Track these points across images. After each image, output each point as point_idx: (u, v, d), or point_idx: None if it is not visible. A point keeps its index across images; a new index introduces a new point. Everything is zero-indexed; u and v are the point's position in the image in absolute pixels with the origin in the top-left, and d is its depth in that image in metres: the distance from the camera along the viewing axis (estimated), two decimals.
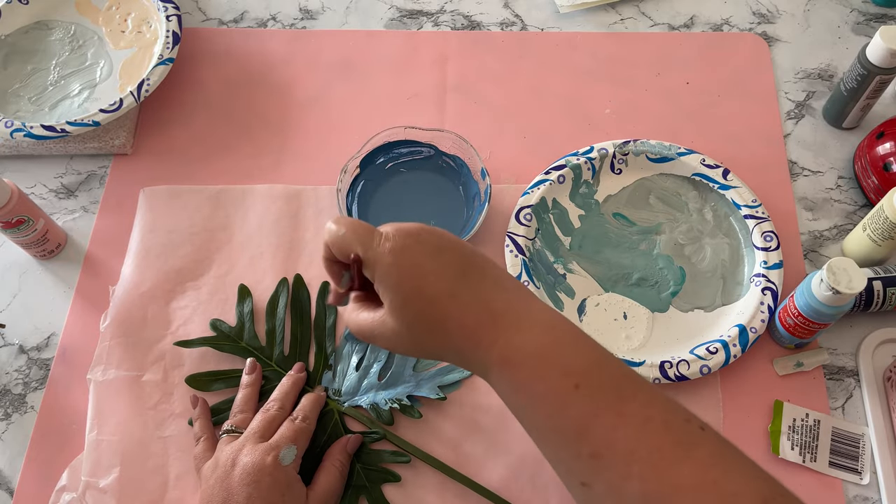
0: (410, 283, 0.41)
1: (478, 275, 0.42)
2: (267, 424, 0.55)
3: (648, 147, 0.70)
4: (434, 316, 0.41)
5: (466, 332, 0.40)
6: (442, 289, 0.41)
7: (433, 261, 0.41)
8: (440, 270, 0.41)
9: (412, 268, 0.41)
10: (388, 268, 0.41)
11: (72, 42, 0.79)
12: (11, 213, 0.62)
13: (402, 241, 0.42)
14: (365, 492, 0.57)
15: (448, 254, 0.42)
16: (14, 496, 0.58)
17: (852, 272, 0.55)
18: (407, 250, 0.41)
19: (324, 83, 0.78)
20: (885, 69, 0.66)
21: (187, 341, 0.62)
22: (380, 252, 0.41)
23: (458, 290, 0.41)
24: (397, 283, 0.41)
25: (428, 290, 0.41)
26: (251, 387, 0.60)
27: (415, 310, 0.41)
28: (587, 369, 0.38)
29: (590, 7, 0.83)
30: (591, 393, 0.37)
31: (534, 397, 0.38)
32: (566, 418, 0.37)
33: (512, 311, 0.41)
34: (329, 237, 0.44)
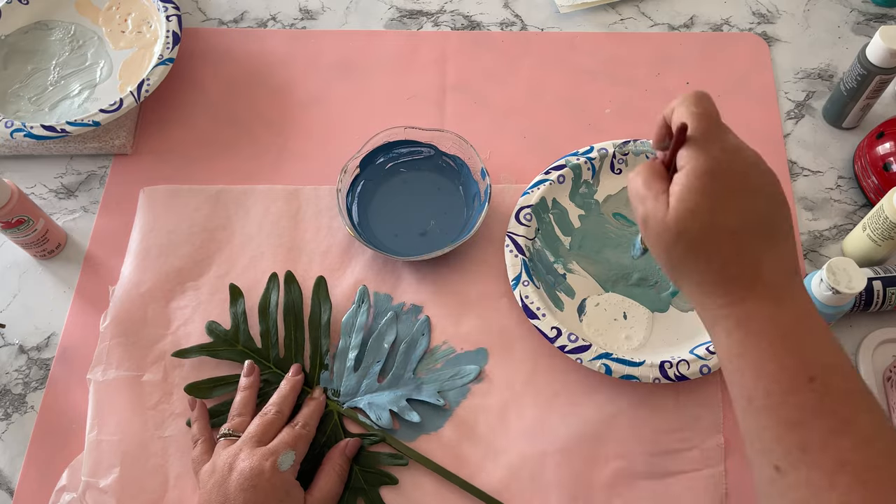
0: (710, 199, 0.38)
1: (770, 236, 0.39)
2: (265, 429, 0.55)
3: (648, 147, 0.70)
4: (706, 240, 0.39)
5: (723, 272, 0.39)
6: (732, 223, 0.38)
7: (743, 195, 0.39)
8: (743, 207, 0.39)
9: (721, 186, 0.39)
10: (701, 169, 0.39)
11: (72, 42, 0.79)
12: (11, 213, 0.62)
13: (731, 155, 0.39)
14: (363, 494, 0.57)
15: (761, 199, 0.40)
16: (14, 496, 0.58)
17: (852, 272, 0.55)
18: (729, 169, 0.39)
19: (324, 83, 0.78)
20: (885, 69, 0.66)
21: (184, 351, 0.62)
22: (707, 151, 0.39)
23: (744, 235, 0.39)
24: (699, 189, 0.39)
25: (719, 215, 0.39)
26: (249, 389, 0.59)
27: (694, 223, 0.39)
28: (830, 370, 0.36)
29: (590, 7, 0.83)
30: (824, 390, 0.36)
31: (760, 370, 0.37)
32: (787, 404, 0.36)
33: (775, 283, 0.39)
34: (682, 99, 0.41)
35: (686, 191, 0.39)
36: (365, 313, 0.64)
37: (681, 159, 0.40)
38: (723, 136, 0.40)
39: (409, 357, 0.62)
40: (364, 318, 0.63)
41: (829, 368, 0.37)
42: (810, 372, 0.36)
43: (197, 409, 0.59)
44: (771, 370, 0.37)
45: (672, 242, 0.40)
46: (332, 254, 0.68)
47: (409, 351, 0.62)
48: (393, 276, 0.66)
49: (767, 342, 0.38)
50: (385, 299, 0.65)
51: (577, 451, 0.58)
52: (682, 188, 0.39)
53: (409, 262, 0.67)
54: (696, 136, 0.40)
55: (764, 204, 0.40)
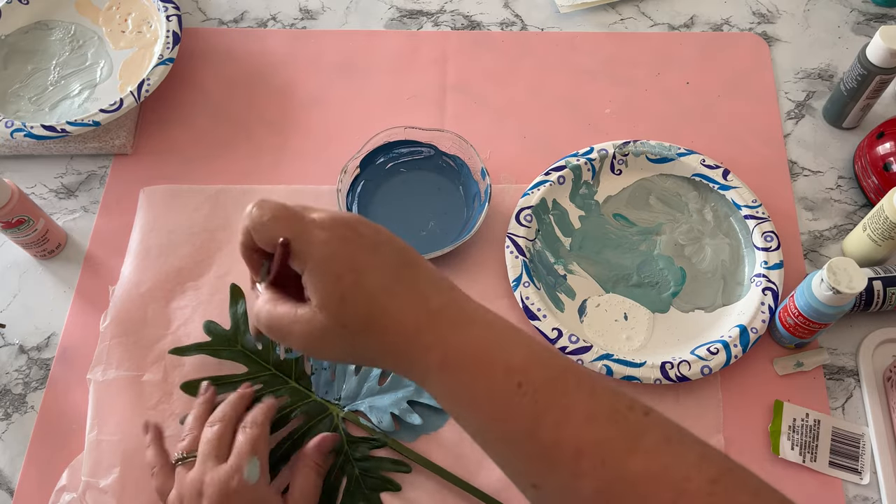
0: (350, 278, 0.37)
1: (414, 272, 0.39)
2: (217, 442, 0.51)
3: (648, 147, 0.70)
4: (373, 313, 0.38)
5: (405, 331, 0.38)
6: (382, 284, 0.38)
7: (372, 255, 0.38)
8: (379, 265, 0.38)
9: (351, 261, 0.38)
10: (324, 260, 0.38)
11: (72, 42, 0.79)
12: (11, 213, 0.62)
13: (339, 232, 0.38)
14: (363, 498, 0.57)
15: (386, 248, 0.39)
16: (14, 496, 0.58)
17: (852, 272, 0.55)
18: (345, 242, 0.38)
19: (324, 83, 0.78)
20: (885, 69, 0.66)
21: (182, 348, 0.62)
22: (314, 242, 0.38)
23: (397, 286, 0.38)
24: (336, 277, 0.37)
25: (368, 286, 0.38)
26: (203, 405, 0.56)
27: (354, 306, 0.38)
28: (527, 365, 0.36)
29: (590, 7, 0.83)
30: (534, 391, 0.36)
31: (476, 400, 0.37)
32: (510, 420, 0.36)
33: (449, 309, 0.38)
34: (250, 222, 0.40)
35: (324, 286, 0.38)
36: None
37: (294, 263, 0.39)
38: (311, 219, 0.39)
39: None
40: None
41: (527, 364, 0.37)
42: (516, 378, 0.36)
43: (150, 433, 0.56)
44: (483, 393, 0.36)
45: (343, 336, 0.38)
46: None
47: None
48: None
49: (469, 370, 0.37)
50: None
51: None
52: (318, 285, 0.38)
53: None
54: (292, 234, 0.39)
55: (389, 249, 0.39)
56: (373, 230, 0.40)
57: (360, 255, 0.38)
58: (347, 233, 0.39)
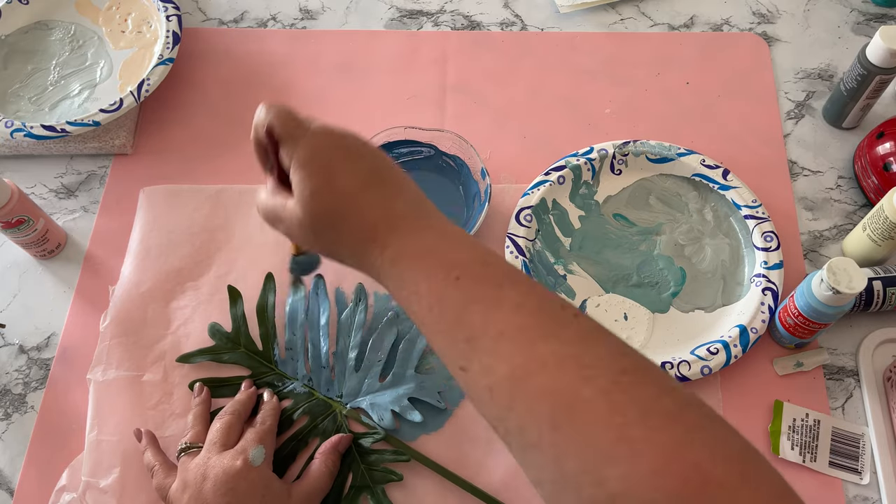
0: (322, 176, 0.42)
1: (389, 183, 0.43)
2: (225, 432, 0.54)
3: (648, 147, 0.70)
4: (338, 209, 0.42)
5: (365, 228, 0.41)
6: (351, 185, 0.42)
7: (349, 161, 0.42)
8: (354, 170, 0.42)
9: (328, 161, 0.42)
10: (304, 158, 0.42)
11: (72, 42, 0.79)
12: (11, 213, 0.62)
13: (323, 138, 0.43)
14: (368, 492, 0.57)
15: (366, 159, 0.43)
16: (14, 496, 0.58)
17: (852, 272, 0.55)
18: (326, 146, 0.42)
19: (324, 83, 0.78)
20: (885, 69, 0.66)
21: (187, 355, 0.62)
22: (300, 142, 0.42)
23: (366, 191, 0.42)
24: (309, 174, 0.42)
25: (337, 184, 0.42)
26: (201, 405, 0.59)
27: (321, 201, 0.42)
28: (470, 263, 0.39)
29: (590, 7, 0.83)
30: (471, 283, 0.38)
31: (419, 291, 0.39)
32: (444, 306, 0.38)
33: (411, 216, 0.42)
34: (256, 119, 0.45)
35: (300, 180, 0.42)
36: (363, 312, 0.64)
37: (284, 159, 0.43)
38: (307, 124, 0.43)
39: (410, 355, 0.62)
40: (362, 317, 0.63)
41: (469, 262, 0.39)
42: (456, 272, 0.38)
43: (144, 438, 0.57)
44: (425, 287, 0.39)
45: (313, 228, 0.43)
46: None
47: (409, 349, 0.62)
48: None
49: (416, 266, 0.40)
50: (385, 299, 0.65)
51: None
52: (297, 180, 0.42)
53: None
54: (283, 132, 0.43)
55: (370, 160, 0.43)
56: (359, 144, 0.44)
57: (337, 159, 0.42)
58: (331, 140, 0.43)
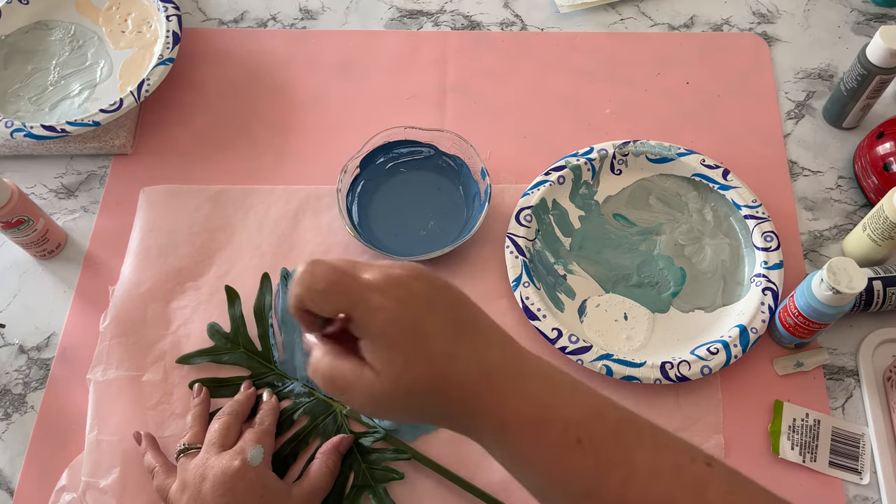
0: (411, 346, 0.36)
1: (471, 328, 0.38)
2: (223, 432, 0.54)
3: (648, 147, 0.70)
4: (434, 379, 0.37)
5: (465, 394, 0.37)
6: (443, 349, 0.37)
7: (431, 316, 0.37)
8: (440, 328, 0.37)
9: (410, 327, 0.36)
10: (384, 326, 0.36)
11: (72, 42, 0.79)
12: (11, 213, 0.62)
13: (395, 294, 0.37)
14: (370, 491, 0.57)
15: (442, 306, 0.38)
16: (14, 496, 0.58)
17: (852, 272, 0.55)
18: (402, 304, 0.37)
19: (324, 83, 0.78)
20: (885, 69, 0.66)
21: (186, 356, 0.62)
22: (372, 308, 0.36)
23: (457, 349, 0.37)
24: (395, 345, 0.36)
25: (430, 352, 0.37)
26: (201, 405, 0.59)
27: (416, 372, 0.37)
28: (587, 420, 0.36)
29: (590, 7, 0.83)
30: (595, 447, 0.35)
31: (536, 460, 0.37)
32: (572, 480, 0.36)
33: (505, 367, 0.38)
34: (303, 290, 0.37)
35: (385, 351, 0.36)
36: None
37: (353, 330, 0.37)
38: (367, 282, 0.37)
39: None
40: None
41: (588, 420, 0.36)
42: (575, 434, 0.36)
43: (144, 441, 0.57)
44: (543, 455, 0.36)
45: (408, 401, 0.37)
46: (332, 254, 0.67)
47: None
48: None
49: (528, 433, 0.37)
50: None
51: None
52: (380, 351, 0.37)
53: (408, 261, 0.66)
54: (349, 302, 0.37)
55: (445, 307, 0.38)
56: (426, 284, 0.38)
57: (419, 316, 0.37)
58: (402, 293, 0.37)
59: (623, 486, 0.35)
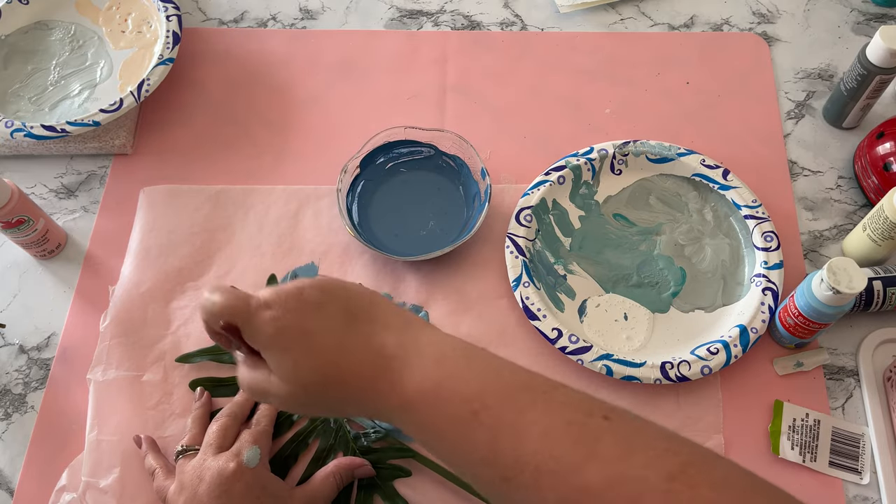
0: (297, 344, 0.39)
1: (364, 318, 0.41)
2: (221, 434, 0.54)
3: (648, 147, 0.70)
4: (328, 373, 0.40)
5: (364, 382, 0.39)
6: (331, 344, 0.40)
7: (317, 317, 0.40)
8: (326, 325, 0.40)
9: (297, 331, 0.40)
10: (272, 336, 0.40)
11: (72, 42, 0.79)
12: (11, 213, 0.62)
13: (283, 304, 0.40)
14: (378, 490, 0.57)
15: (331, 305, 0.41)
16: (14, 496, 0.58)
17: (852, 272, 0.55)
18: (290, 312, 0.40)
19: (324, 83, 0.78)
20: (885, 69, 0.66)
21: (187, 355, 0.62)
22: (260, 321, 0.40)
23: (348, 341, 0.40)
24: (284, 349, 0.40)
25: (317, 349, 0.40)
26: (202, 408, 0.59)
27: (307, 371, 0.40)
28: (482, 391, 0.37)
29: (590, 7, 0.83)
30: (490, 415, 0.37)
31: (438, 433, 0.38)
32: (472, 448, 0.37)
33: (402, 350, 0.40)
34: (202, 309, 0.42)
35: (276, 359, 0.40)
36: None
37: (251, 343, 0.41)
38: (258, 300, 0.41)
39: None
40: None
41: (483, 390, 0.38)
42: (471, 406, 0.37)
43: (144, 444, 0.58)
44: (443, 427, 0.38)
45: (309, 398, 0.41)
46: (332, 254, 0.67)
47: None
48: (393, 276, 0.66)
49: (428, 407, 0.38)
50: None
51: None
52: (273, 360, 0.40)
53: (409, 262, 0.67)
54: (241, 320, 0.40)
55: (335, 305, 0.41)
56: (317, 290, 0.41)
57: (306, 319, 0.40)
58: (291, 302, 0.40)
59: (514, 449, 0.36)
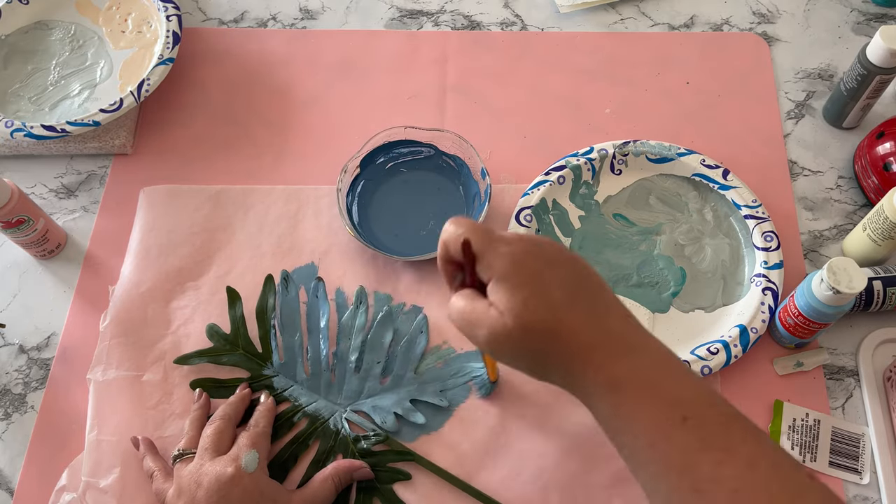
0: (532, 286, 0.40)
1: (597, 297, 0.41)
2: (217, 437, 0.54)
3: (648, 147, 0.70)
4: (551, 322, 0.40)
5: (579, 346, 0.39)
6: (562, 297, 0.40)
7: (553, 270, 0.41)
8: (559, 280, 0.41)
9: (533, 272, 0.41)
10: (508, 268, 0.41)
11: (72, 42, 0.79)
12: (11, 213, 0.62)
13: (522, 246, 0.42)
14: (377, 493, 0.57)
15: (567, 266, 0.42)
16: (14, 496, 0.58)
17: (852, 272, 0.55)
18: (528, 255, 0.41)
19: (324, 83, 0.78)
20: (885, 69, 0.66)
21: (185, 357, 0.62)
22: (500, 253, 0.41)
23: (576, 304, 0.40)
24: (517, 285, 0.40)
25: (549, 297, 0.40)
26: (199, 410, 0.58)
27: (535, 312, 0.40)
28: (696, 403, 0.37)
29: (590, 7, 0.83)
30: (699, 427, 0.36)
31: (638, 424, 0.38)
32: (670, 450, 0.36)
33: (624, 333, 0.40)
34: (446, 235, 0.44)
35: (508, 290, 0.40)
36: (364, 314, 0.63)
37: (482, 273, 0.42)
38: (499, 235, 0.43)
39: (410, 356, 0.62)
40: (363, 320, 0.63)
41: (698, 403, 0.38)
42: (682, 412, 0.37)
43: (142, 446, 0.57)
44: (646, 420, 0.37)
45: (524, 341, 0.40)
46: (332, 254, 0.67)
47: (408, 350, 0.62)
48: (393, 276, 0.66)
49: (637, 395, 0.38)
50: (385, 299, 0.65)
51: (578, 451, 0.58)
52: (504, 291, 0.41)
53: (409, 262, 0.67)
54: (480, 246, 0.42)
55: (569, 268, 0.42)
56: (556, 249, 0.43)
57: (542, 267, 0.41)
58: (530, 247, 0.42)
59: (718, 466, 0.35)
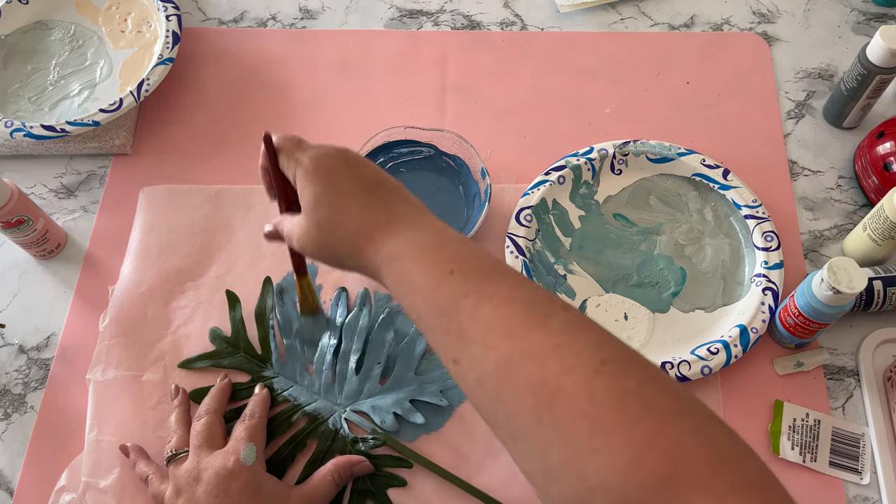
0: (324, 182, 0.45)
1: (390, 189, 0.46)
2: (207, 432, 0.54)
3: (648, 147, 0.70)
4: (339, 212, 0.45)
5: (364, 228, 0.44)
6: (352, 189, 0.45)
7: (348, 170, 0.46)
8: (355, 176, 0.46)
9: (328, 170, 0.46)
10: (307, 168, 0.46)
11: (72, 42, 0.79)
12: (11, 213, 0.62)
13: (324, 150, 0.47)
14: (371, 496, 0.57)
15: (365, 169, 0.46)
16: (14, 496, 0.58)
17: (853, 272, 0.55)
18: (327, 157, 0.46)
19: (324, 83, 0.78)
20: (886, 69, 0.66)
21: (188, 361, 0.62)
22: (302, 155, 0.47)
23: (367, 194, 0.45)
24: (313, 182, 0.45)
25: (339, 189, 0.45)
26: (180, 406, 0.58)
27: (324, 207, 0.45)
28: (463, 259, 0.41)
29: (590, 7, 0.83)
30: (464, 277, 0.40)
31: (415, 285, 0.41)
32: (439, 299, 0.40)
33: (408, 215, 0.44)
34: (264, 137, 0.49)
35: (304, 189, 0.46)
36: (366, 316, 0.63)
37: (286, 169, 0.48)
38: (305, 143, 0.48)
39: (410, 357, 0.62)
40: (365, 322, 0.63)
41: (464, 258, 0.41)
42: (450, 266, 0.40)
43: (133, 452, 0.57)
44: (421, 280, 0.41)
45: (318, 235, 0.46)
46: None
47: (409, 350, 0.62)
48: None
49: (412, 261, 0.42)
50: (386, 300, 0.65)
51: None
52: (302, 191, 0.46)
53: None
54: (284, 145, 0.48)
55: (367, 171, 0.46)
56: (358, 157, 0.47)
57: (338, 168, 0.46)
58: (330, 150, 0.47)
59: (476, 307, 0.38)
